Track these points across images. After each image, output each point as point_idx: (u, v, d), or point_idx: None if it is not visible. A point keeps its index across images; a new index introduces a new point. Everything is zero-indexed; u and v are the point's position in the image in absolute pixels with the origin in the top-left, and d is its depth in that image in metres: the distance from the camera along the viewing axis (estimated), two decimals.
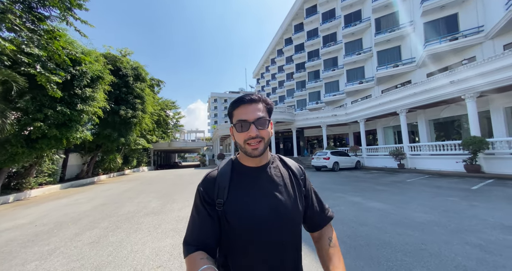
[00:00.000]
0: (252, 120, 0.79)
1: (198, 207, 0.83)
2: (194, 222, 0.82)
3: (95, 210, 6.33)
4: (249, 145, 0.80)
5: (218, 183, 0.83)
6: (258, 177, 0.86)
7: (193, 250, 0.75)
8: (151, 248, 3.48)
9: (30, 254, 3.47)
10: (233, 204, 0.80)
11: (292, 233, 0.84)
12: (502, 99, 11.37)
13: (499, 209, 4.85)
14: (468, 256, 2.84)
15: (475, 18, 13.34)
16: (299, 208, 0.86)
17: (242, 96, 0.83)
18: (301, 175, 0.95)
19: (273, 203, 0.81)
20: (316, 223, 0.94)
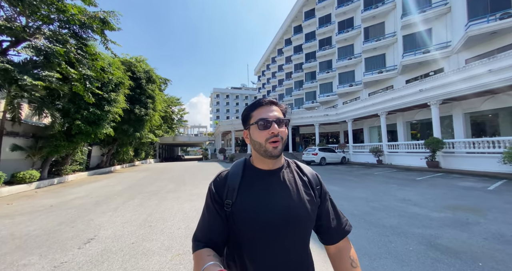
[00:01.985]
0: (273, 118, 0.81)
1: (208, 205, 0.85)
2: (204, 219, 0.84)
3: (127, 190, 8.49)
4: (270, 144, 0.79)
5: (228, 184, 0.84)
6: (270, 180, 0.85)
7: (201, 247, 0.77)
8: (177, 208, 5.61)
9: (102, 209, 5.61)
10: (241, 206, 0.79)
11: (300, 240, 0.83)
12: (462, 106, 13.31)
13: (414, 191, 6.94)
14: (363, 211, 4.94)
15: (445, 34, 15.15)
16: (310, 215, 0.83)
17: (261, 99, 0.86)
18: (317, 184, 0.92)
19: (282, 208, 0.79)
20: (331, 236, 0.89)
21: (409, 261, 2.74)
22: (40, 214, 5.25)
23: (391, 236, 3.54)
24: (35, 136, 10.68)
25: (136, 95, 16.78)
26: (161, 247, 3.31)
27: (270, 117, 0.81)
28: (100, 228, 4.22)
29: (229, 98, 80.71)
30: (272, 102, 0.86)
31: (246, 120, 0.87)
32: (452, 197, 6.04)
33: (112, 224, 4.44)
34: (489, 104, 12.28)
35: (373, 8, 20.64)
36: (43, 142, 10.23)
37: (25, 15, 7.74)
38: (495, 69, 9.88)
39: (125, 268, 2.74)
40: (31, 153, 9.96)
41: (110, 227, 4.26)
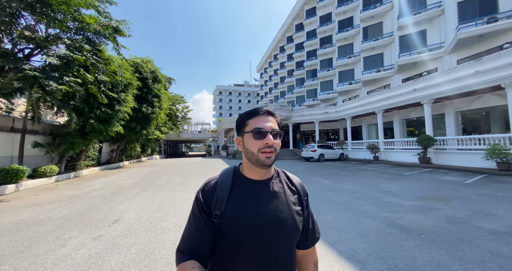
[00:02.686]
0: (269, 129, 0.81)
1: (195, 215, 0.82)
2: (190, 229, 0.81)
3: (139, 183, 9.35)
4: (263, 153, 0.79)
5: (217, 194, 0.82)
6: (260, 191, 0.84)
7: (186, 259, 0.75)
8: (185, 197, 6.43)
9: (120, 199, 6.46)
10: (230, 217, 0.78)
11: (288, 251, 0.83)
12: (454, 105, 13.89)
13: (397, 184, 7.67)
14: (346, 200, 5.71)
15: (438, 35, 15.62)
16: (298, 226, 0.83)
17: (258, 108, 0.87)
18: (305, 195, 0.94)
19: (272, 219, 0.79)
20: (305, 242, 0.93)
21: (368, 235, 3.51)
22: (67, 203, 6.12)
23: (362, 218, 4.30)
24: (52, 133, 11.59)
25: (143, 94, 17.59)
26: (174, 226, 4.12)
27: (266, 127, 0.81)
28: (122, 212, 5.05)
29: (231, 95, 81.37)
30: (269, 113, 0.86)
31: (241, 127, 0.86)
32: (429, 189, 6.77)
33: (132, 209, 5.27)
34: (478, 103, 12.85)
35: (372, 8, 21.14)
36: (60, 139, 11.13)
37: (45, 24, 8.54)
38: (481, 71, 10.47)
39: (149, 239, 3.55)
40: (49, 150, 10.87)
41: (131, 211, 5.10)
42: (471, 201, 5.36)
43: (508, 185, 7.15)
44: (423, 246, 3.07)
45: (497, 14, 12.35)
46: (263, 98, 56.90)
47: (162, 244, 3.34)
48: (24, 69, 6.59)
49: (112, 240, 3.53)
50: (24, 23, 8.62)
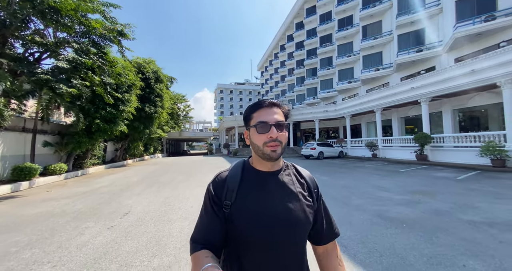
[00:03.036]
0: (273, 122, 0.80)
1: (206, 206, 0.84)
2: (202, 220, 0.83)
3: (143, 180, 9.76)
4: (268, 147, 0.79)
5: (227, 185, 0.84)
6: (269, 182, 0.85)
7: (199, 248, 0.77)
8: (189, 192, 6.82)
9: (128, 194, 6.86)
10: (240, 207, 0.80)
11: (298, 243, 0.83)
12: (451, 103, 14.14)
13: (391, 181, 8.01)
14: (341, 195, 6.06)
15: (437, 34, 15.82)
16: (309, 218, 0.84)
17: (262, 100, 0.86)
18: (315, 187, 0.93)
19: (281, 210, 0.80)
20: (322, 238, 0.92)
21: (356, 224, 3.88)
22: (79, 198, 6.53)
23: (353, 211, 4.66)
24: (60, 133, 12.02)
25: (146, 94, 17.99)
26: (180, 218, 4.51)
27: (270, 120, 0.80)
28: (131, 206, 5.45)
29: (233, 93, 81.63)
30: (274, 104, 0.85)
31: (247, 120, 0.87)
32: (420, 185, 7.11)
33: (140, 204, 5.67)
34: (476, 101, 13.09)
35: (371, 7, 21.35)
36: (67, 139, 11.55)
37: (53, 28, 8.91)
38: (477, 70, 10.73)
39: (157, 229, 3.94)
40: (58, 149, 11.31)
41: (139, 205, 5.49)
42: (458, 195, 5.70)
43: (499, 180, 7.46)
44: (403, 233, 3.43)
45: (496, 12, 12.51)
46: (264, 97, 57.17)
47: (170, 233, 3.73)
48: (37, 73, 6.98)
49: (125, 230, 3.92)
50: (33, 27, 9.04)
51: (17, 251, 3.20)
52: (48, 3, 6.42)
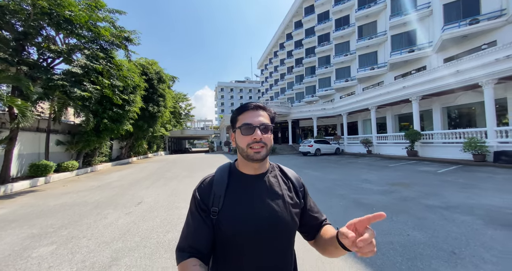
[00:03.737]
0: (257, 124, 0.81)
1: (193, 213, 0.83)
2: (189, 228, 0.82)
3: (150, 176, 10.53)
4: (251, 149, 0.80)
5: (214, 191, 0.83)
6: (256, 185, 0.85)
7: (186, 257, 0.75)
8: (193, 185, 7.55)
9: (138, 188, 7.63)
10: (228, 213, 0.80)
11: (286, 244, 0.84)
12: (440, 101, 14.80)
13: (377, 174, 8.73)
14: (328, 187, 6.80)
15: (427, 35, 16.41)
16: (295, 219, 0.85)
17: (247, 103, 0.87)
18: (300, 186, 0.94)
19: (269, 213, 0.80)
20: (313, 233, 0.93)
21: (334, 208, 4.62)
22: (95, 191, 7.30)
23: (334, 198, 5.40)
24: (70, 132, 12.79)
25: (149, 94, 18.71)
26: (186, 205, 5.22)
27: (255, 122, 0.81)
28: (143, 197, 6.22)
29: (233, 91, 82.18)
30: (259, 107, 0.86)
31: (233, 123, 0.88)
32: (402, 178, 7.83)
33: (150, 195, 6.43)
34: (463, 99, 13.74)
35: (366, 7, 21.93)
36: (78, 138, 12.32)
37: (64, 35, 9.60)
38: (461, 70, 11.37)
39: (168, 213, 4.69)
40: (69, 147, 12.08)
41: (149, 196, 6.26)
42: (430, 186, 6.42)
43: (473, 173, 8.17)
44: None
45: (479, 16, 13.14)
46: (264, 94, 57.73)
47: (179, 216, 4.49)
48: (54, 79, 7.70)
49: (140, 214, 4.68)
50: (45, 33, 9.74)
51: (54, 230, 3.96)
52: (63, 16, 7.11)
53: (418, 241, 3.07)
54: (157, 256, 2.93)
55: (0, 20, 6.65)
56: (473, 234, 3.23)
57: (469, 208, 4.37)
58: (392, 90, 15.90)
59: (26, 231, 3.94)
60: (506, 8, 12.68)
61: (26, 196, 6.99)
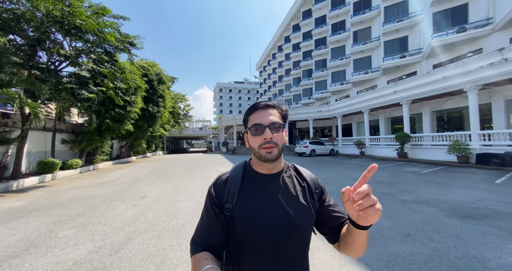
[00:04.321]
0: (266, 123, 0.80)
1: (207, 209, 0.85)
2: (203, 223, 0.84)
3: (151, 174, 11.06)
4: (263, 149, 0.80)
5: (228, 188, 0.84)
6: (270, 184, 0.85)
7: (199, 250, 0.78)
8: (192, 183, 8.12)
9: (141, 184, 8.16)
10: (241, 210, 0.80)
11: (299, 244, 0.83)
12: (429, 105, 15.48)
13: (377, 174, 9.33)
14: None
15: (418, 41, 17.13)
16: (308, 222, 0.83)
17: (257, 102, 0.86)
18: (317, 188, 0.92)
19: (282, 213, 0.80)
20: (336, 234, 0.88)
21: None
22: (100, 187, 7.83)
23: None
24: (73, 132, 13.29)
25: (149, 95, 19.24)
26: (186, 199, 5.82)
27: (264, 122, 0.80)
28: (147, 192, 6.76)
29: (232, 92, 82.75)
30: (268, 106, 0.85)
31: (245, 123, 0.88)
32: (387, 177, 8.44)
33: (152, 190, 6.98)
34: (449, 104, 14.43)
35: (361, 13, 22.74)
36: (81, 137, 12.82)
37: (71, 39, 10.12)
38: (448, 77, 12.05)
39: (170, 206, 5.24)
40: (73, 146, 12.58)
41: (152, 191, 6.81)
42: (410, 184, 7.04)
43: (453, 174, 8.81)
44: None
45: (466, 24, 13.87)
46: (262, 96, 58.39)
47: (180, 208, 5.04)
48: (63, 82, 8.23)
49: (146, 206, 5.23)
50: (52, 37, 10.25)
51: (72, 218, 4.51)
52: (74, 24, 7.65)
53: (383, 227, 3.66)
54: (164, 237, 3.49)
55: (16, 27, 7.18)
56: (430, 221, 3.83)
57: (437, 202, 4.98)
58: (384, 94, 16.56)
59: (47, 219, 4.48)
60: (492, 17, 13.38)
61: (38, 190, 7.50)
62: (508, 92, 11.63)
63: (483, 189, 6.07)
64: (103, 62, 9.91)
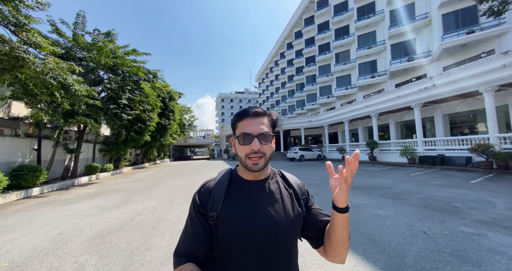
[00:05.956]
0: (255, 134, 0.79)
1: (191, 217, 0.84)
2: (187, 232, 0.82)
3: (168, 174, 14.23)
4: (250, 160, 0.79)
5: (213, 196, 0.83)
6: (255, 192, 0.84)
7: (184, 262, 0.76)
8: (203, 179, 11.29)
9: (165, 180, 11.33)
10: (226, 219, 0.79)
11: (285, 251, 0.82)
12: (394, 117, 18.65)
13: None
14: None
15: (427, 43, 18.38)
16: (294, 227, 0.83)
17: (247, 108, 0.83)
18: (303, 194, 0.92)
19: (267, 220, 0.79)
20: (320, 237, 0.88)
21: None
22: (136, 182, 11.01)
23: None
24: (104, 143, 16.62)
25: (162, 110, 22.67)
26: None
27: (253, 131, 0.79)
28: (171, 184, 9.94)
29: (233, 102, 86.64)
30: (259, 114, 0.83)
31: (233, 129, 0.86)
32: None
33: (175, 183, 10.14)
34: (407, 116, 17.57)
35: (365, 18, 23.61)
36: (111, 146, 16.13)
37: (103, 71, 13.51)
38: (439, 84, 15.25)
39: (189, 189, 8.41)
40: (106, 154, 15.89)
41: (176, 183, 9.98)
42: (355, 176, 9.87)
43: (394, 171, 11.86)
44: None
45: (477, 25, 14.35)
46: (261, 105, 62.03)
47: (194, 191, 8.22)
48: (110, 108, 11.61)
49: (175, 189, 8.41)
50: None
51: (135, 194, 7.66)
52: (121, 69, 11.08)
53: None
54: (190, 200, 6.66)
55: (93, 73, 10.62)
56: None
57: (355, 184, 8.09)
58: (358, 108, 19.78)
59: (120, 195, 7.68)
60: (506, 16, 12.90)
61: (93, 185, 10.71)
62: (446, 107, 14.81)
63: (396, 178, 9.18)
64: (134, 91, 13.31)
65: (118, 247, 3.38)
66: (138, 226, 4.35)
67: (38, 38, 5.69)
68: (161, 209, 5.62)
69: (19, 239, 3.82)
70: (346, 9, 27.19)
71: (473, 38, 14.49)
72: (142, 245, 3.43)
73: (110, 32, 11.91)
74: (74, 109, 8.65)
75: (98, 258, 3.02)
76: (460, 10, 15.64)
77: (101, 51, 10.64)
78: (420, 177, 9.27)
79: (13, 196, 7.25)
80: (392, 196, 6.18)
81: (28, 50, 5.76)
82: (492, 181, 7.87)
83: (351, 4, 26.41)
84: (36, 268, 2.81)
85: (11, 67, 5.62)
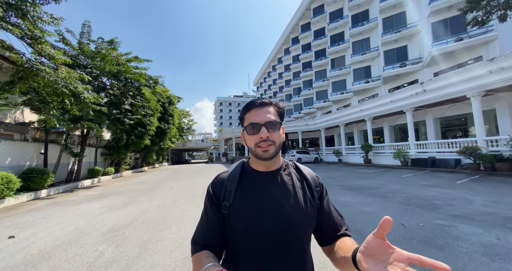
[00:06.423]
0: (262, 122, 0.80)
1: (206, 207, 0.87)
2: (202, 222, 0.86)
3: (168, 178, 14.61)
4: (259, 148, 0.80)
5: (226, 186, 0.86)
6: (267, 182, 0.85)
7: (200, 249, 0.79)
8: (202, 181, 11.69)
9: (165, 182, 11.72)
10: (238, 208, 0.81)
11: (298, 243, 0.82)
12: (388, 121, 19.24)
13: (327, 173, 12.88)
14: None
15: (418, 50, 19.23)
16: (307, 219, 0.82)
17: (254, 100, 0.86)
18: (317, 186, 0.91)
19: (278, 210, 0.79)
20: (329, 239, 0.86)
21: None
22: (138, 185, 11.39)
23: None
24: (106, 146, 16.98)
25: (162, 114, 23.11)
26: (199, 189, 9.37)
27: (260, 120, 0.80)
28: (172, 186, 10.33)
29: (231, 105, 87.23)
30: (265, 103, 0.84)
31: (241, 122, 0.88)
32: (338, 175, 11.97)
33: (175, 185, 10.54)
34: (401, 120, 18.15)
35: (360, 25, 24.45)
36: (112, 150, 16.50)
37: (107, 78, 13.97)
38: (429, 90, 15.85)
39: (189, 191, 8.82)
40: (108, 157, 16.24)
41: (176, 186, 10.37)
42: (347, 178, 10.59)
43: (388, 173, 12.33)
44: None
45: (464, 33, 15.11)
46: None
47: (195, 192, 8.60)
48: (114, 113, 12.03)
49: (176, 191, 8.81)
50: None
51: (138, 195, 8.06)
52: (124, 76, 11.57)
53: None
54: (192, 200, 7.06)
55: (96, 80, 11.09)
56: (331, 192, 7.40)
57: (347, 185, 8.55)
58: (353, 112, 20.36)
59: (125, 196, 8.07)
60: (493, 24, 13.47)
61: (97, 187, 11.07)
62: (437, 111, 15.41)
63: (387, 180, 9.65)
64: (136, 96, 13.76)
65: (131, 238, 3.79)
66: (146, 222, 4.76)
67: (51, 50, 6.16)
68: (165, 208, 6.03)
69: (40, 233, 4.22)
70: (341, 17, 28.02)
71: (461, 45, 15.33)
72: (152, 237, 3.85)
73: (113, 40, 12.42)
74: (81, 114, 9.08)
75: (115, 247, 3.44)
76: (449, 19, 16.49)
77: (105, 58, 11.13)
78: (410, 179, 9.75)
79: (24, 197, 7.63)
80: (380, 195, 6.64)
81: (42, 61, 6.22)
82: (476, 181, 8.36)
83: (346, 11, 27.29)
84: (63, 254, 3.22)
85: (25, 76, 6.07)
